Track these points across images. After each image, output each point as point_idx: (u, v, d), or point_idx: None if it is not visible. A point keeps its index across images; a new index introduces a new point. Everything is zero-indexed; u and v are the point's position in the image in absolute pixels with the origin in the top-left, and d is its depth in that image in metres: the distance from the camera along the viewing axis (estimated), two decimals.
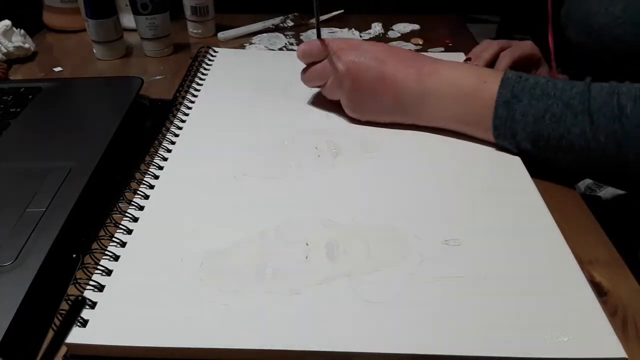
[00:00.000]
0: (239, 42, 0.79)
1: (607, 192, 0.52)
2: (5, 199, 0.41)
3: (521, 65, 0.60)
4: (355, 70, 0.50)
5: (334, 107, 0.57)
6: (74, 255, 0.37)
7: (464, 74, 0.49)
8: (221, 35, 0.79)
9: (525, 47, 0.62)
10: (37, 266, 0.35)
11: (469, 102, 0.48)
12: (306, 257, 0.38)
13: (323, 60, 0.53)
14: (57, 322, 0.32)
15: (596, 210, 0.45)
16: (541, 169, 0.47)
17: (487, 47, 0.63)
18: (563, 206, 0.44)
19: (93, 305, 0.33)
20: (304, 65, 0.56)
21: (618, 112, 0.41)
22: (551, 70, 0.62)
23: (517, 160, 0.48)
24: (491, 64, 0.62)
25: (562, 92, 0.44)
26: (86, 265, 0.36)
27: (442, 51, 0.75)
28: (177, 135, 0.52)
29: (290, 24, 0.85)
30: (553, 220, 0.41)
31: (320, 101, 0.59)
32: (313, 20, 0.86)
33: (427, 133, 0.53)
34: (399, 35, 0.82)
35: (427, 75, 0.49)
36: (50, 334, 0.32)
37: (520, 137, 0.46)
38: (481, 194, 0.44)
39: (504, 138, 0.47)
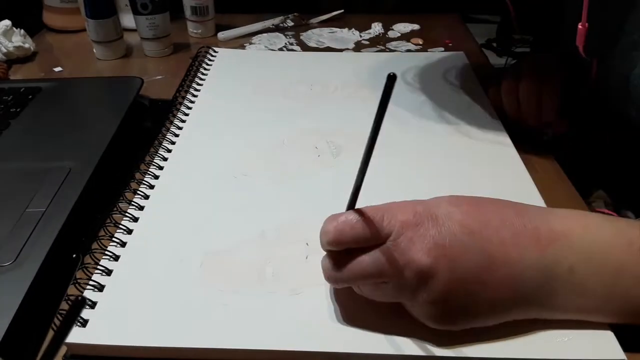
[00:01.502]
0: (239, 42, 0.78)
1: None
2: (5, 199, 0.41)
3: None
4: (449, 260, 0.29)
5: (335, 107, 0.57)
6: (74, 255, 0.37)
7: (603, 238, 0.32)
8: (221, 35, 0.79)
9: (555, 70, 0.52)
10: (37, 266, 0.35)
11: (619, 284, 0.31)
12: (306, 257, 0.37)
13: (375, 246, 0.30)
14: (57, 322, 0.32)
15: None
16: (541, 171, 0.47)
17: (520, 87, 0.53)
18: (563, 206, 0.44)
19: (93, 305, 0.33)
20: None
21: None
22: None
23: (517, 161, 0.48)
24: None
25: None
26: (86, 265, 0.36)
27: (442, 51, 0.75)
28: (177, 135, 0.52)
29: (290, 24, 0.85)
30: None
31: (320, 101, 0.59)
32: (313, 20, 0.86)
33: (427, 133, 0.53)
34: (399, 35, 0.82)
35: (550, 244, 0.31)
36: (50, 334, 0.32)
37: None
38: (482, 195, 0.44)
39: None
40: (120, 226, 0.40)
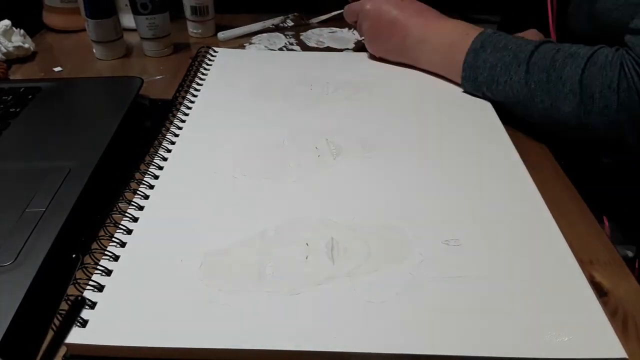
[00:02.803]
0: (239, 42, 0.79)
1: None
2: (5, 199, 0.41)
3: None
4: (376, 12, 0.63)
5: (335, 107, 0.57)
6: (74, 255, 0.37)
7: (455, 28, 0.59)
8: (221, 35, 0.79)
9: (529, 37, 0.61)
10: (37, 266, 0.35)
11: (451, 50, 0.59)
12: (306, 257, 0.38)
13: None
14: (57, 322, 0.32)
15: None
16: (540, 169, 0.47)
17: None
18: (563, 206, 0.44)
19: (93, 305, 0.33)
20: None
21: (550, 64, 0.48)
22: None
23: (517, 160, 0.48)
24: None
25: (518, 46, 0.52)
26: (86, 265, 0.36)
27: None
28: (177, 135, 0.52)
29: (290, 24, 0.85)
30: (553, 220, 0.41)
31: (320, 101, 0.59)
32: (313, 20, 0.86)
33: (426, 132, 0.53)
34: None
35: (430, 26, 0.61)
36: (50, 334, 0.32)
37: (480, 81, 0.55)
38: (482, 194, 0.44)
39: (468, 81, 0.57)
40: (120, 226, 0.40)
